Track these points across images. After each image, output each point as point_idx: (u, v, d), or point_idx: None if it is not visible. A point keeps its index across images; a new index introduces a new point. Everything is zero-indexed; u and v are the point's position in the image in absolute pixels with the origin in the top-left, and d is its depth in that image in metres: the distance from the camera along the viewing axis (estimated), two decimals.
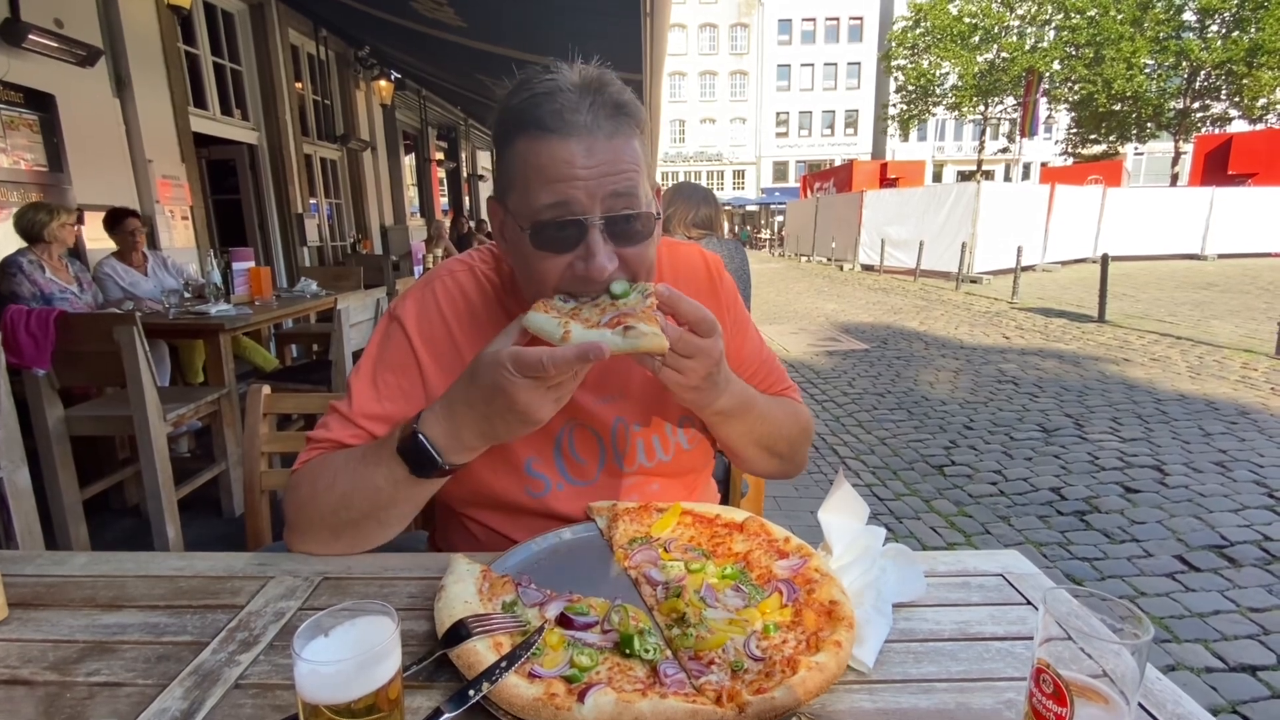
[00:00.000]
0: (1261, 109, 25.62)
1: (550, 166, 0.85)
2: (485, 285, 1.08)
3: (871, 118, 48.16)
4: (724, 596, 0.82)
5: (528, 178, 0.87)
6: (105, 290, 4.23)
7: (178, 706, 0.65)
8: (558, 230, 0.87)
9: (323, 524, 0.95)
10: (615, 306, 0.83)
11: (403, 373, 1.03)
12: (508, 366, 0.78)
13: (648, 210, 0.91)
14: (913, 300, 12.89)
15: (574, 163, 0.85)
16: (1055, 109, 30.86)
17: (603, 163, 0.86)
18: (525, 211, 0.88)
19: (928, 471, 4.30)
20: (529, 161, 0.87)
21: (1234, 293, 12.47)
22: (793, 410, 1.19)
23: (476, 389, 0.82)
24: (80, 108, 4.94)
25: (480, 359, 0.83)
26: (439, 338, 1.04)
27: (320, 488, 0.93)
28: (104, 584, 0.88)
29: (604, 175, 0.86)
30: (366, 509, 0.92)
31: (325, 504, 0.93)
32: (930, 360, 7.54)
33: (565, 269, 0.89)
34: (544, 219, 0.87)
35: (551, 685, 0.66)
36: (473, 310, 1.06)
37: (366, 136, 9.98)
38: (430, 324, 1.05)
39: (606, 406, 1.08)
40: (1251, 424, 4.99)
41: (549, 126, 0.85)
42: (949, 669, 0.73)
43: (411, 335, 1.04)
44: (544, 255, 0.89)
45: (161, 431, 2.97)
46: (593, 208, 0.86)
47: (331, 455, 0.97)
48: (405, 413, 1.00)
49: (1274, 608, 2.71)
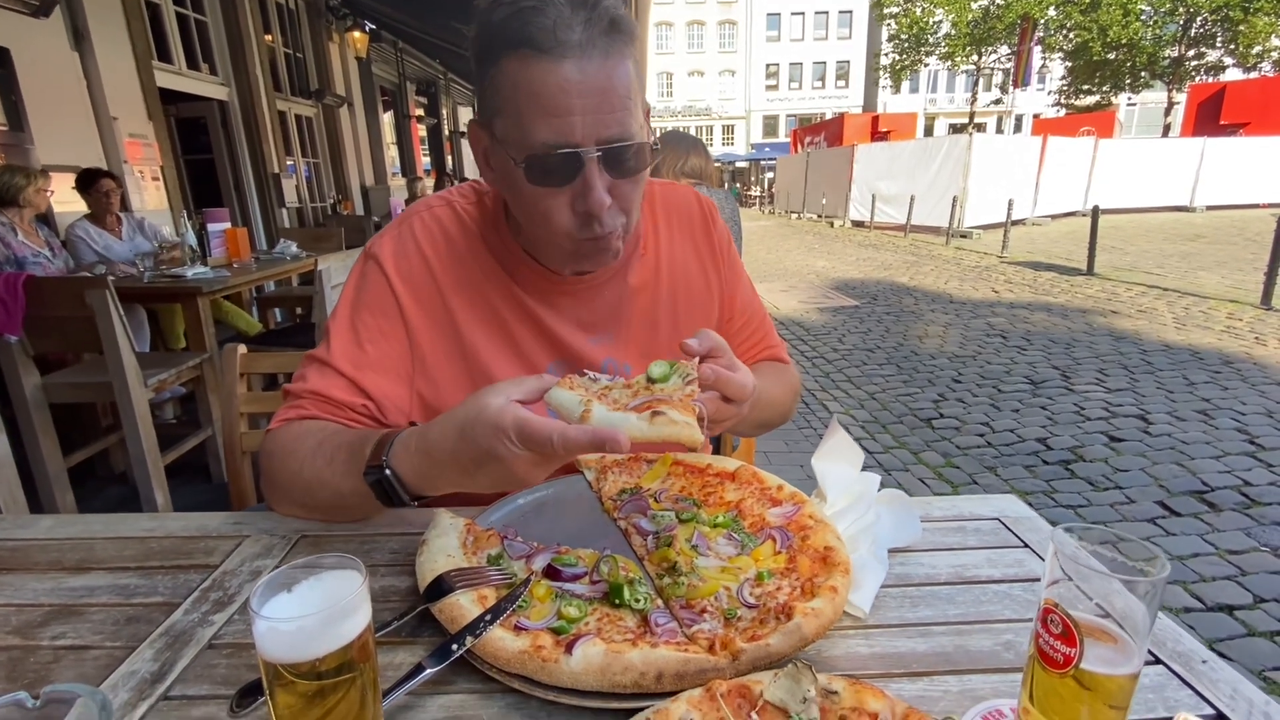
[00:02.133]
0: (1256, 56, 25.27)
1: (544, 95, 0.80)
2: (466, 221, 1.03)
3: (863, 69, 47.11)
4: (716, 545, 0.80)
5: (519, 105, 0.81)
6: (77, 254, 4.09)
7: (148, 668, 0.63)
8: (554, 164, 0.82)
9: (292, 501, 0.92)
10: (650, 391, 0.73)
11: (382, 314, 0.98)
12: (510, 436, 0.68)
13: (642, 141, 0.86)
14: (903, 256, 12.83)
15: (569, 90, 0.79)
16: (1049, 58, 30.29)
17: (598, 89, 0.80)
18: (517, 142, 0.83)
19: (916, 425, 4.32)
20: (520, 87, 0.81)
21: (1221, 244, 12.49)
22: (786, 380, 1.18)
23: (467, 445, 0.71)
24: (37, 62, 4.70)
25: (479, 415, 0.70)
26: (419, 277, 0.99)
27: (290, 469, 0.88)
28: (71, 546, 0.84)
29: (600, 103, 0.81)
30: (331, 504, 0.88)
31: (293, 486, 0.89)
32: (920, 315, 7.53)
33: (568, 209, 0.85)
34: (539, 153, 0.82)
35: (538, 638, 0.63)
36: (454, 247, 1.01)
37: (342, 91, 9.62)
38: (409, 262, 0.99)
39: (596, 347, 1.05)
40: (1235, 373, 5.04)
41: (541, 46, 0.78)
42: (946, 612, 0.72)
43: (390, 274, 0.98)
44: (543, 192, 0.85)
45: (143, 397, 2.91)
46: (589, 138, 0.81)
47: (303, 435, 0.90)
48: (387, 355, 0.96)
49: (1251, 550, 2.77)
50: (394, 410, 0.98)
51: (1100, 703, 0.50)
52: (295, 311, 5.62)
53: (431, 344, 0.99)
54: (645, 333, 1.07)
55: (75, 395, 3.08)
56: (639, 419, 0.68)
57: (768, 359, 1.25)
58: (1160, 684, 0.62)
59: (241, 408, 1.47)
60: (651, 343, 1.08)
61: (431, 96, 14.78)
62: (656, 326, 1.09)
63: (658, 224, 1.12)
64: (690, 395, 0.72)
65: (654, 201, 1.13)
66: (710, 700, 0.55)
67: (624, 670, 0.59)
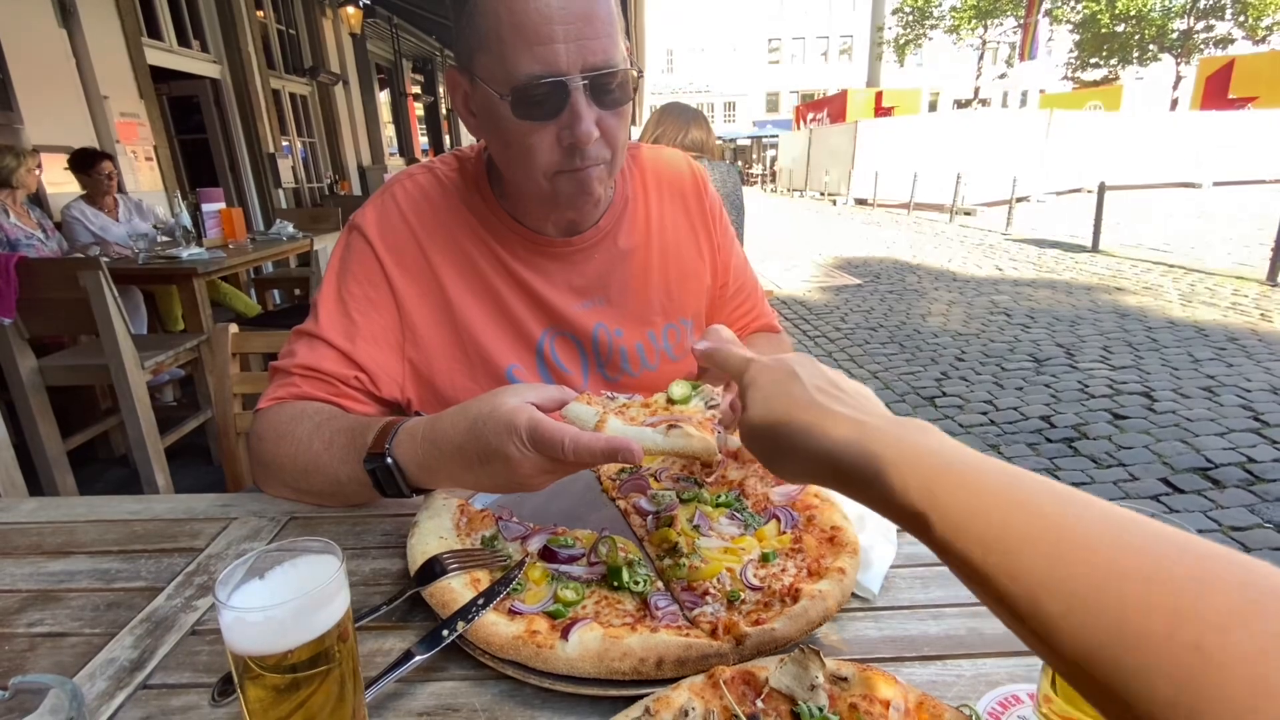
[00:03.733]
0: (1266, 29, 24.80)
1: (527, 25, 0.78)
2: (447, 185, 1.01)
3: (867, 43, 46.31)
4: (718, 524, 0.77)
5: (501, 37, 0.80)
6: (73, 235, 4.04)
7: (127, 655, 0.60)
8: (540, 95, 0.81)
9: (284, 484, 0.89)
10: (669, 411, 0.70)
11: (369, 283, 0.95)
12: (522, 437, 0.66)
13: (627, 69, 0.85)
14: (906, 234, 12.71)
15: (552, 17, 0.78)
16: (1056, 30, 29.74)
17: (581, 15, 0.79)
18: (501, 76, 0.82)
19: (919, 403, 4.30)
20: (502, 18, 0.79)
21: (1227, 221, 12.36)
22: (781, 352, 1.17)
23: (475, 440, 0.70)
24: (25, 40, 4.60)
25: (493, 412, 0.69)
26: (403, 242, 0.97)
27: (284, 452, 0.85)
28: (51, 530, 0.82)
29: (583, 29, 0.80)
30: (327, 490, 0.86)
31: (287, 469, 0.86)
32: (923, 293, 7.47)
33: (554, 143, 0.84)
34: (524, 84, 0.80)
35: (533, 622, 0.61)
36: (435, 210, 0.99)
37: (337, 69, 9.46)
38: (393, 229, 0.97)
39: (587, 313, 1.03)
40: (1240, 349, 5.00)
41: None
42: (959, 594, 0.69)
43: (374, 243, 0.96)
44: (529, 126, 0.83)
45: (140, 379, 2.88)
46: (574, 66, 0.80)
47: (299, 417, 0.87)
48: (376, 324, 0.94)
49: (1255, 526, 2.76)
50: (387, 380, 0.95)
51: None
52: (293, 293, 5.58)
53: (420, 311, 0.97)
54: (637, 296, 1.06)
55: (72, 378, 3.06)
56: (654, 432, 0.66)
57: (760, 328, 1.24)
58: None
59: (235, 388, 1.44)
60: (643, 306, 1.06)
61: (428, 74, 14.54)
62: (648, 290, 1.08)
63: (648, 188, 1.10)
64: (711, 419, 0.68)
65: (644, 166, 1.11)
66: (713, 687, 0.52)
67: (622, 656, 0.56)
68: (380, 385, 0.94)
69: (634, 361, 1.06)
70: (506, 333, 1.00)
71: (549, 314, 1.01)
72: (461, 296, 0.98)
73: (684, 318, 1.11)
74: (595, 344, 1.04)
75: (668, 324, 1.08)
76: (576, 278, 1.02)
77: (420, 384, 0.99)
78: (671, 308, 1.09)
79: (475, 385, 0.98)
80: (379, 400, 0.96)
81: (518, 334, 1.00)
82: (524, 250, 1.00)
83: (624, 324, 1.05)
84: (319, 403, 0.90)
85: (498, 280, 0.99)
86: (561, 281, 1.02)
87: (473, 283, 0.98)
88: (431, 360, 0.98)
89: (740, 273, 1.19)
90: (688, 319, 1.11)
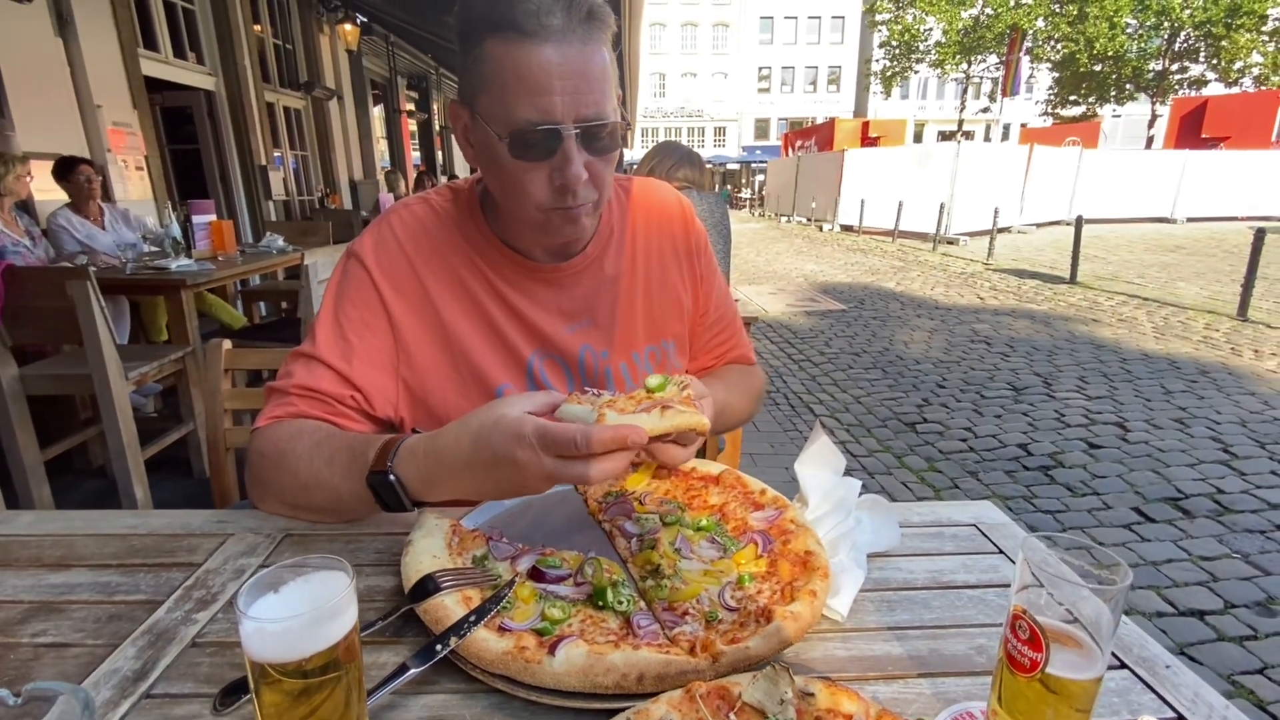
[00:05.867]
0: (1238, 72, 25.71)
1: (528, 76, 0.84)
2: (442, 214, 1.06)
3: (855, 74, 47.39)
4: (699, 548, 0.81)
5: (504, 84, 0.86)
6: (59, 243, 4.02)
7: (130, 666, 0.63)
8: (536, 139, 0.87)
9: (282, 501, 0.92)
10: (651, 398, 0.79)
11: (365, 306, 0.99)
12: (531, 442, 0.69)
13: (615, 121, 0.92)
14: (890, 261, 12.94)
15: (551, 72, 0.84)
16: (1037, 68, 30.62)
17: (577, 72, 0.86)
18: (501, 119, 0.88)
19: (900, 429, 4.37)
20: (505, 67, 0.85)
21: (1200, 256, 12.72)
22: (749, 386, 1.25)
23: (481, 451, 0.73)
24: (20, 48, 4.62)
25: (497, 423, 0.73)
26: (399, 269, 1.01)
27: (284, 468, 0.88)
28: (51, 543, 0.84)
29: (578, 85, 0.86)
30: (327, 506, 0.89)
31: (286, 486, 0.89)
32: (906, 320, 7.61)
33: (545, 182, 0.91)
34: (522, 128, 0.87)
35: (522, 639, 0.64)
36: (430, 238, 1.04)
37: (332, 84, 9.53)
38: (390, 257, 1.01)
39: (573, 335, 1.08)
40: (1211, 382, 5.15)
41: (524, 29, 0.83)
42: (922, 616, 0.74)
43: (371, 269, 1.00)
44: (524, 166, 0.90)
45: (123, 390, 2.87)
46: (568, 116, 0.87)
47: (298, 435, 0.90)
48: (372, 346, 0.98)
49: (1223, 556, 2.83)
50: (381, 400, 0.99)
51: (1065, 705, 0.51)
52: (280, 306, 5.56)
53: (415, 333, 1.01)
54: (620, 321, 1.11)
55: (54, 387, 3.04)
56: (648, 416, 0.74)
57: (735, 359, 1.29)
58: (1125, 688, 0.64)
59: (226, 404, 1.45)
60: (628, 329, 1.11)
61: (423, 91, 14.67)
62: (632, 315, 1.13)
63: (637, 218, 1.16)
64: (688, 398, 0.79)
65: (635, 198, 1.17)
66: (690, 701, 0.56)
67: (606, 671, 0.60)
68: (375, 405, 0.98)
69: (619, 383, 1.11)
70: (498, 353, 1.04)
71: (538, 336, 1.06)
72: (455, 319, 1.02)
73: (665, 339, 1.17)
74: (581, 365, 1.09)
75: (650, 345, 1.13)
76: (565, 301, 1.07)
77: (414, 403, 1.02)
78: (654, 330, 1.15)
79: (468, 403, 1.01)
80: (373, 419, 0.99)
81: (509, 355, 1.05)
82: (514, 274, 1.05)
83: (609, 346, 1.10)
84: (317, 421, 0.93)
85: (490, 303, 1.04)
86: (550, 305, 1.06)
87: (466, 305, 1.03)
88: (425, 380, 1.02)
89: (721, 304, 1.24)
90: (669, 340, 1.17)
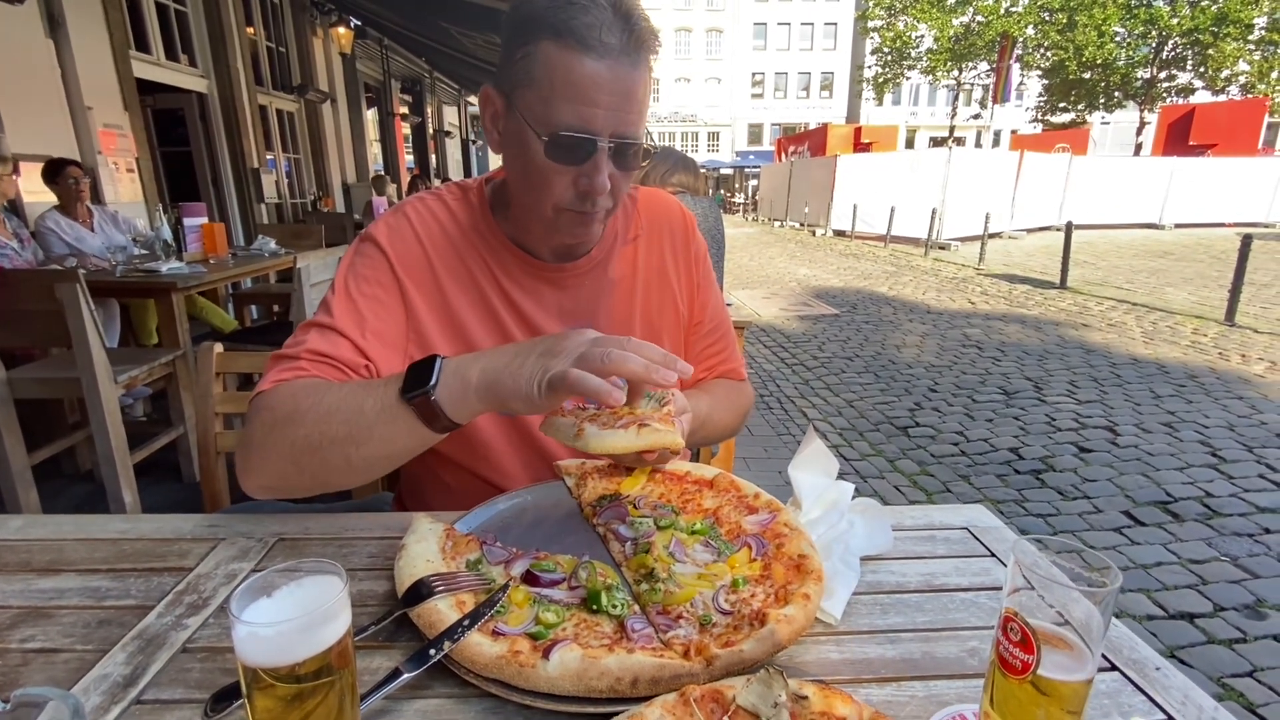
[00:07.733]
0: (1224, 80, 26.04)
1: (579, 85, 0.87)
2: (457, 213, 1.08)
3: (847, 80, 47.71)
4: (693, 551, 0.81)
5: (553, 86, 0.88)
6: (48, 246, 3.98)
7: (120, 672, 0.62)
8: (572, 145, 0.90)
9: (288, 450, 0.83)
10: (631, 412, 0.85)
11: (379, 285, 1.00)
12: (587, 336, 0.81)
13: (643, 143, 0.96)
14: (883, 266, 13.00)
15: (601, 87, 0.88)
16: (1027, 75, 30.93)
17: (623, 91, 0.90)
18: (542, 118, 0.90)
19: (893, 433, 4.39)
20: (557, 71, 0.88)
21: (1188, 261, 12.85)
22: (736, 402, 1.25)
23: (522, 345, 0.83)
24: (11, 49, 4.59)
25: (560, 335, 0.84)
26: (414, 254, 1.03)
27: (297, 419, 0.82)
28: (40, 548, 0.83)
29: (621, 103, 0.90)
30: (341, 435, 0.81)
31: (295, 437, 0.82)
32: (898, 325, 7.64)
33: (569, 184, 0.94)
34: (561, 131, 0.89)
35: (516, 643, 0.64)
36: (444, 229, 1.05)
37: (325, 87, 9.52)
38: (405, 241, 1.03)
39: None
40: (1199, 387, 5.19)
41: (585, 41, 0.86)
42: (914, 619, 0.74)
43: (387, 250, 1.01)
44: (555, 167, 0.92)
45: (112, 394, 2.84)
46: (606, 130, 0.90)
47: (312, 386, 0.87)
48: (385, 322, 0.98)
49: (1212, 559, 2.86)
50: None
51: (1056, 707, 0.52)
52: (272, 309, 5.53)
53: (428, 318, 1.02)
54: (619, 325, 1.13)
55: (42, 391, 3.01)
56: (626, 433, 0.79)
57: (725, 372, 1.29)
58: (1115, 690, 0.65)
59: (217, 407, 1.44)
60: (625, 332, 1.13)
61: (416, 95, 14.68)
62: (630, 320, 1.15)
63: (642, 226, 1.18)
64: (667, 415, 0.84)
65: (641, 206, 1.19)
66: (684, 705, 0.56)
67: (600, 675, 0.60)
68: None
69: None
70: None
71: (539, 335, 1.07)
72: (465, 311, 1.04)
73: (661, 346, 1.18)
74: None
75: None
76: (567, 301, 1.10)
77: None
78: (650, 333, 1.17)
79: None
80: None
81: None
82: (520, 273, 1.07)
83: None
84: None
85: (496, 300, 1.06)
86: (553, 304, 1.09)
87: (475, 299, 1.05)
88: None
89: (715, 315, 1.26)
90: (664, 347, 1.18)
